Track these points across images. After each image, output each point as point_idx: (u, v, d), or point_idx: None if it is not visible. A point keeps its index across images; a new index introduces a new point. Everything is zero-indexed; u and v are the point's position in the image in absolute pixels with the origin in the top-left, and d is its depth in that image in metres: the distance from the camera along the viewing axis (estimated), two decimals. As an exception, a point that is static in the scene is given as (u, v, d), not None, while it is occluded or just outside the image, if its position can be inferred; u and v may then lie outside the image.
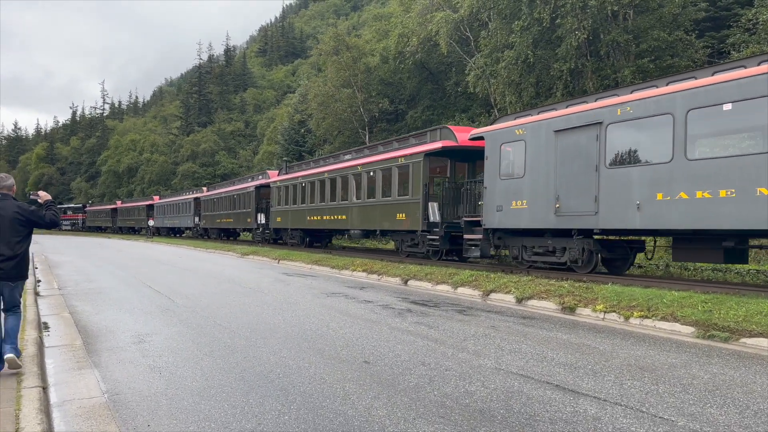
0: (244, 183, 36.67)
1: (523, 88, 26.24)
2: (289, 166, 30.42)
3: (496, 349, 7.14)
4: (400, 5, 40.08)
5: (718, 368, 6.27)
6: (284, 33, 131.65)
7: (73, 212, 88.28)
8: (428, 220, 17.25)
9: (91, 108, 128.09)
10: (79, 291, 13.60)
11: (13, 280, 5.98)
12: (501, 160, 14.39)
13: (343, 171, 22.82)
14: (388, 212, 19.33)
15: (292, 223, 28.06)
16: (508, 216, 14.05)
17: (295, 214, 27.48)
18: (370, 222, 20.71)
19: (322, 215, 24.49)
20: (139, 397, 5.34)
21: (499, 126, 14.82)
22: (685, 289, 10.16)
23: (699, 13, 25.44)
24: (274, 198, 30.26)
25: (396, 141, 20.52)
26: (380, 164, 20.05)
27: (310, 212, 25.82)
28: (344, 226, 22.91)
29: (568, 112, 12.73)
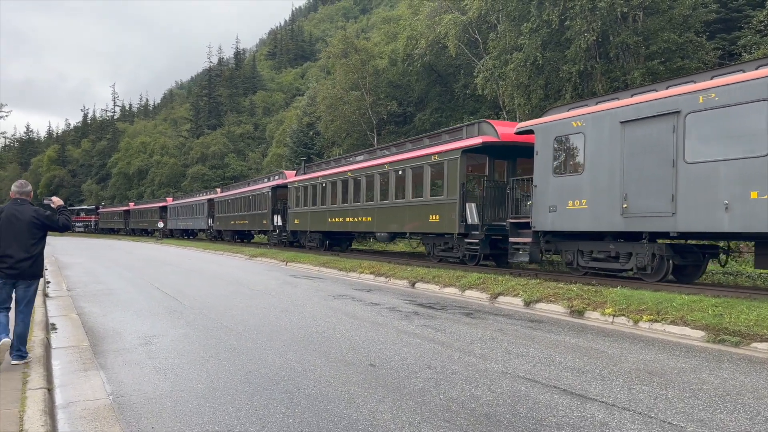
0: (259, 184, 35.50)
1: (531, 90, 26.11)
2: (307, 166, 29.13)
3: (503, 353, 7.09)
4: (408, 8, 40.07)
5: (729, 373, 6.18)
6: (293, 36, 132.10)
7: (86, 214, 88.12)
8: (466, 222, 16.04)
9: (102, 111, 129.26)
10: (88, 292, 13.66)
11: (28, 279, 6.38)
12: (554, 156, 13.11)
13: (369, 170, 21.50)
14: (418, 214, 18.16)
15: (311, 225, 26.74)
16: (563, 217, 12.77)
17: (315, 215, 26.24)
18: (398, 224, 19.52)
19: (345, 217, 23.33)
20: (143, 399, 5.33)
21: (552, 118, 13.46)
22: (695, 293, 10.06)
23: (710, 14, 25.25)
24: (292, 199, 29.06)
25: (427, 138, 19.33)
26: (410, 162, 18.83)
27: (331, 214, 24.59)
28: (369, 229, 21.73)
29: (638, 101, 11.45)
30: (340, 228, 24.03)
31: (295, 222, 28.49)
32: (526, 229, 14.07)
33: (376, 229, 20.93)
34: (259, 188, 34.51)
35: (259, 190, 34.37)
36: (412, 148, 19.41)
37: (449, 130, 18.30)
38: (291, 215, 29.16)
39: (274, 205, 32.06)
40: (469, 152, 16.32)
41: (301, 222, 27.91)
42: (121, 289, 14.37)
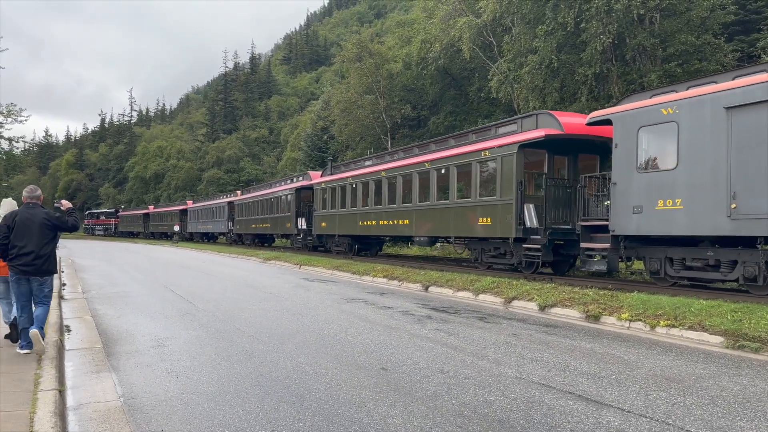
0: (282, 185, 33.81)
1: (547, 93, 25.97)
2: (334, 166, 27.51)
3: (517, 358, 6.99)
4: (422, 11, 40.07)
5: (749, 380, 6.03)
6: (308, 41, 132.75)
7: (106, 217, 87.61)
8: (524, 225, 14.34)
9: (120, 115, 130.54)
10: (103, 295, 13.75)
11: (42, 276, 6.90)
12: (639, 148, 11.47)
13: (406, 169, 19.88)
14: (465, 216, 16.48)
15: (339, 228, 24.99)
16: (651, 219, 11.12)
17: (344, 218, 24.57)
18: (441, 227, 17.86)
19: (378, 220, 21.69)
20: (154, 401, 5.32)
21: (634, 106, 11.73)
22: (713, 298, 9.87)
23: (728, 16, 24.93)
24: (318, 201, 27.36)
25: (473, 133, 17.50)
26: (455, 160, 17.08)
27: (362, 216, 22.91)
28: (406, 233, 20.06)
29: (749, 83, 9.91)
30: (372, 232, 22.40)
31: (322, 225, 26.87)
32: (601, 233, 12.43)
33: (415, 232, 19.30)
34: (281, 190, 32.91)
35: (281, 192, 32.72)
36: (457, 144, 17.69)
37: (501, 123, 16.49)
38: (317, 218, 27.51)
39: (298, 208, 30.31)
40: (526, 147, 14.64)
41: (328, 225, 26.30)
42: (136, 291, 14.44)
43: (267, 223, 35.19)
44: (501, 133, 15.80)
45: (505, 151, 15.05)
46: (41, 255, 6.81)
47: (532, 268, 14.97)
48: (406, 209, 19.73)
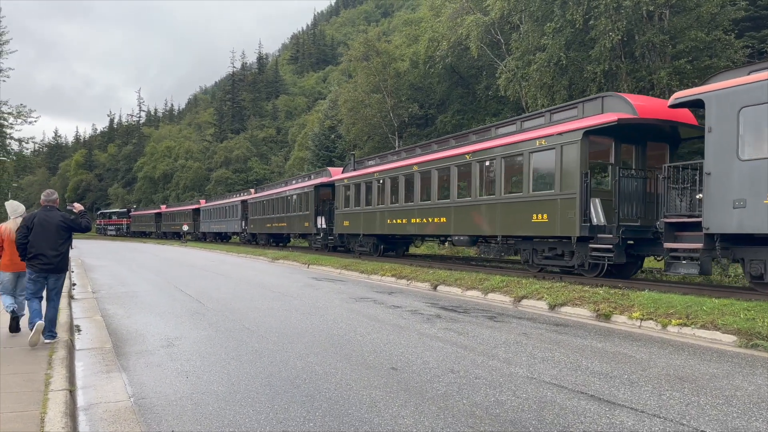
0: (300, 182, 32.20)
1: (555, 90, 25.82)
2: (358, 161, 25.80)
3: (527, 357, 6.94)
4: (430, 10, 39.96)
5: (763, 379, 5.96)
6: (315, 40, 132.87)
7: (118, 217, 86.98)
8: (590, 222, 12.79)
9: (128, 116, 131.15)
10: (112, 294, 13.80)
11: (58, 273, 7.62)
12: (740, 132, 10.01)
13: (442, 162, 18.20)
14: (516, 213, 14.88)
15: (364, 227, 23.34)
16: (758, 215, 9.58)
17: (369, 216, 22.88)
18: (485, 225, 16.06)
19: (408, 218, 20.07)
20: (165, 401, 5.31)
21: (732, 83, 10.19)
22: (725, 297, 9.78)
23: (738, 12, 24.67)
24: (340, 198, 25.65)
25: (521, 121, 15.82)
26: (503, 151, 15.46)
27: (390, 214, 21.25)
28: (443, 231, 18.30)
29: None
30: (403, 231, 20.71)
31: (344, 224, 25.11)
32: (688, 232, 11.03)
33: (453, 231, 17.57)
34: (299, 188, 31.17)
35: (299, 189, 31.06)
36: (505, 134, 16.03)
37: (554, 109, 14.81)
38: (338, 217, 25.75)
39: (317, 206, 28.67)
40: (592, 134, 13.03)
41: (351, 224, 24.56)
42: (145, 291, 14.49)
43: (283, 222, 33.72)
44: (557, 120, 14.24)
45: (566, 139, 13.37)
46: (58, 254, 7.52)
47: (596, 270, 13.44)
48: (443, 206, 18.09)
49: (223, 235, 50.75)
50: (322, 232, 28.40)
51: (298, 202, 31.08)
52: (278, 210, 34.56)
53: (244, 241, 43.85)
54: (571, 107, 14.19)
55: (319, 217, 28.52)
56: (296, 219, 31.25)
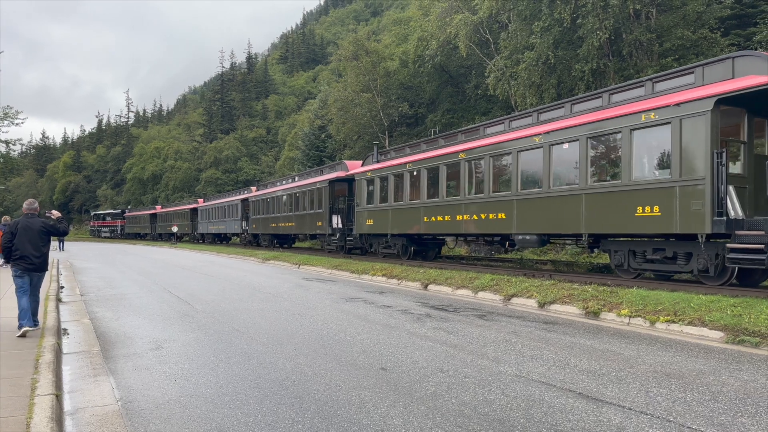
0: (311, 177, 29.19)
1: (544, 89, 25.93)
2: (382, 152, 23.02)
3: (516, 356, 6.96)
4: (419, 9, 40.06)
5: (749, 375, 6.01)
6: (305, 40, 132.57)
7: (111, 219, 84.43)
8: (726, 215, 10.13)
9: (117, 116, 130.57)
10: (101, 297, 13.70)
11: (40, 271, 8.68)
12: None
13: (500, 147, 15.48)
14: (611, 205, 12.25)
15: (393, 226, 20.48)
16: None
17: (400, 214, 20.01)
18: (564, 221, 13.37)
19: (453, 214, 17.17)
20: (152, 404, 5.28)
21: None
22: (712, 293, 9.86)
23: (724, 10, 24.93)
24: (361, 194, 22.73)
25: (608, 93, 12.94)
26: (590, 130, 12.73)
27: (428, 211, 18.38)
28: (502, 230, 15.48)
29: None
30: (445, 230, 17.86)
31: (367, 223, 22.27)
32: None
33: (516, 229, 14.83)
34: (310, 183, 28.09)
35: (310, 185, 28.00)
36: (586, 110, 13.23)
37: (659, 77, 11.97)
38: (360, 215, 22.83)
39: (332, 204, 25.87)
40: (723, 103, 10.52)
41: (376, 222, 21.67)
42: (134, 293, 14.40)
43: (291, 221, 30.81)
44: (663, 90, 11.60)
45: (686, 111, 10.73)
46: (40, 255, 8.54)
47: (723, 278, 11.02)
48: (502, 199, 15.31)
49: (222, 237, 48.24)
50: (338, 233, 25.63)
51: (309, 200, 28.23)
52: (285, 209, 31.86)
53: (244, 242, 41.42)
54: (682, 73, 11.44)
55: (335, 215, 25.75)
56: (307, 218, 28.45)
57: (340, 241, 25.66)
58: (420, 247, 20.98)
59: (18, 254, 8.40)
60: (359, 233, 23.27)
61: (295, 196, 30.31)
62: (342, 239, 25.47)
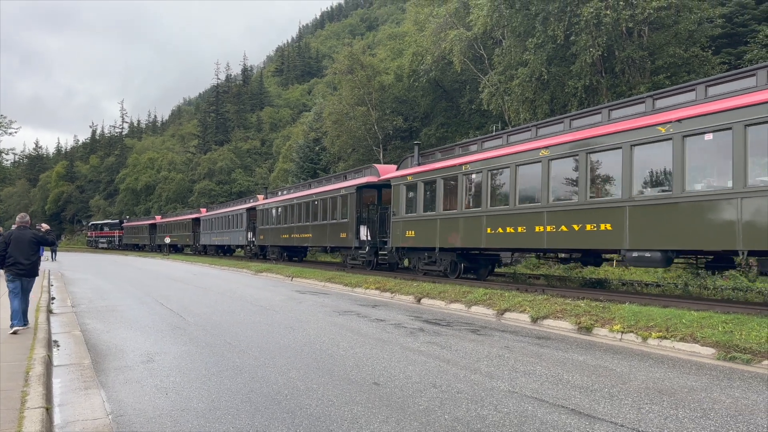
0: (333, 183, 26.16)
1: (537, 105, 26.15)
2: (424, 153, 19.90)
3: (509, 371, 6.97)
4: (414, 24, 40.40)
5: (741, 392, 6.04)
6: (300, 53, 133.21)
7: (109, 229, 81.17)
8: None
9: (111, 127, 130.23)
10: (92, 309, 13.62)
11: (30, 277, 9.83)
12: None
13: (600, 141, 12.43)
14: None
15: (442, 239, 17.33)
16: None
17: (452, 225, 16.90)
18: (700, 235, 10.44)
19: (530, 224, 14.11)
20: (143, 418, 5.25)
21: None
22: (704, 309, 9.91)
23: (715, 29, 25.27)
24: (399, 202, 19.61)
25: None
26: (747, 114, 9.75)
27: (492, 221, 15.34)
28: (607, 244, 12.33)
29: None
30: (516, 243, 14.71)
31: (407, 235, 19.11)
32: None
33: (629, 244, 11.64)
34: (333, 189, 25.01)
35: (333, 192, 24.92)
36: (741, 90, 10.18)
37: None
38: (397, 225, 19.69)
39: (359, 213, 22.93)
40: None
41: (419, 235, 18.52)
42: (126, 305, 14.32)
43: (307, 232, 27.63)
44: None
45: None
46: (30, 262, 9.69)
47: None
48: (607, 206, 12.23)
49: (226, 249, 44.92)
50: (367, 246, 22.39)
51: (330, 208, 25.10)
52: (299, 218, 28.66)
53: (250, 255, 38.19)
54: None
55: (362, 226, 22.70)
56: (327, 229, 25.20)
57: (369, 255, 22.45)
58: (471, 263, 17.93)
59: (11, 261, 9.49)
60: (395, 246, 20.01)
61: (313, 204, 27.03)
62: (371, 253, 22.36)
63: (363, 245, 22.56)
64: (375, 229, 22.29)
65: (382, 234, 21.82)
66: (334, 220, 24.69)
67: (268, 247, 34.14)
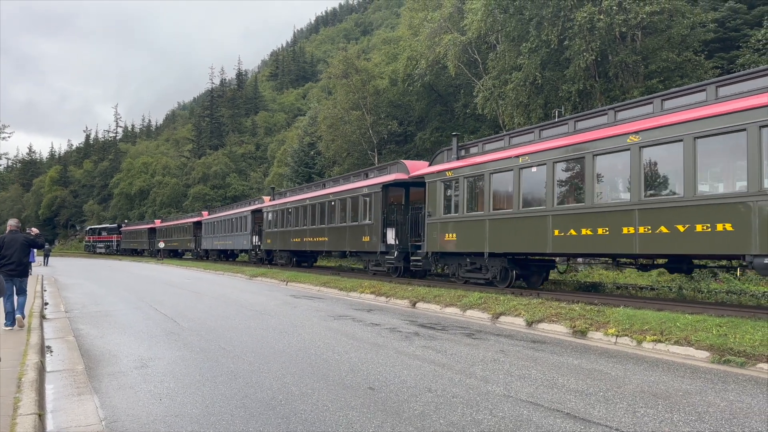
0: (352, 182, 23.87)
1: (531, 109, 26.22)
2: (464, 145, 17.52)
3: (504, 375, 6.96)
4: (408, 29, 40.47)
5: (735, 395, 6.05)
6: (295, 57, 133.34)
7: (107, 233, 79.56)
8: None
9: (105, 131, 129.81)
10: (86, 314, 13.55)
11: (22, 276, 10.63)
12: None
13: (723, 121, 10.03)
14: None
15: (492, 243, 15.22)
16: None
17: (505, 226, 14.85)
18: None
19: (615, 226, 11.84)
20: (137, 424, 5.22)
21: None
22: (698, 313, 9.93)
23: (708, 34, 25.42)
24: (437, 201, 17.51)
25: None
26: None
27: (560, 222, 13.18)
28: (719, 249, 10.17)
29: None
30: (594, 248, 12.51)
31: (446, 238, 17.03)
32: None
33: (759, 248, 9.51)
34: (354, 188, 22.88)
35: (353, 191, 22.87)
36: None
37: None
38: (433, 227, 17.65)
39: (384, 214, 20.66)
40: None
41: (461, 238, 16.43)
42: (120, 310, 14.25)
43: (322, 236, 25.52)
44: None
45: None
46: (21, 263, 10.60)
47: None
48: (728, 201, 10.05)
49: (228, 254, 42.87)
50: (395, 251, 20.24)
51: (350, 209, 23.00)
52: (313, 220, 26.55)
53: (255, 260, 35.92)
54: None
55: (389, 228, 20.59)
56: (347, 232, 23.21)
57: (398, 260, 20.29)
58: (523, 270, 15.93)
59: (3, 262, 10.31)
60: (431, 251, 17.90)
61: (330, 204, 24.89)
62: (400, 258, 20.23)
63: (390, 250, 20.41)
64: (405, 231, 20.12)
65: (415, 237, 19.55)
66: (354, 223, 22.56)
67: (276, 251, 32.15)
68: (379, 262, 21.73)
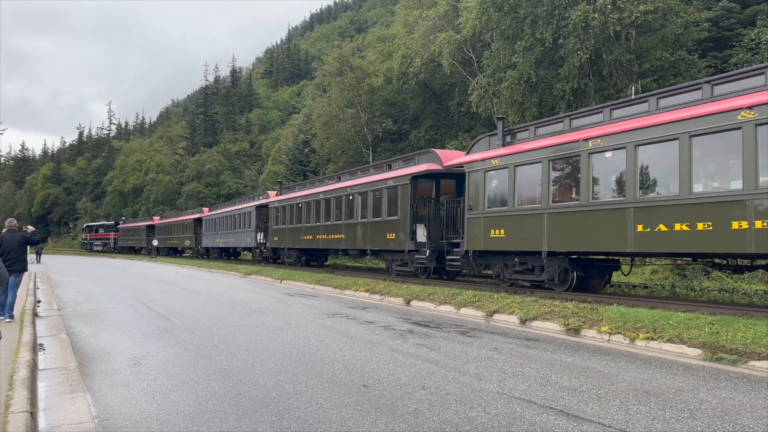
0: (375, 173, 21.47)
1: (526, 107, 26.28)
2: (510, 130, 15.32)
3: (498, 372, 6.97)
4: (403, 27, 40.49)
5: (727, 392, 6.08)
6: (290, 55, 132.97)
7: (105, 231, 78.62)
8: None
9: (98, 129, 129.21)
10: (79, 312, 13.49)
11: (19, 273, 11.50)
12: None
13: None
14: None
15: (551, 240, 13.23)
16: None
17: (568, 221, 12.90)
18: None
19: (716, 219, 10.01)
20: (129, 422, 5.20)
21: None
22: (691, 311, 9.98)
23: (701, 33, 25.51)
24: (479, 193, 15.37)
25: None
26: None
27: (643, 215, 11.20)
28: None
29: None
30: (688, 246, 10.56)
31: (491, 235, 14.92)
32: None
33: None
34: (375, 181, 20.66)
35: (375, 183, 20.61)
36: None
37: None
38: (474, 223, 15.47)
39: (414, 209, 18.59)
40: None
41: (510, 234, 14.41)
42: (113, 308, 14.20)
43: (338, 233, 23.33)
44: None
45: None
46: (19, 260, 11.32)
47: None
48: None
49: (230, 252, 41.02)
50: (426, 249, 18.07)
51: (372, 204, 20.86)
52: (327, 216, 24.44)
53: (259, 258, 33.89)
54: None
55: (419, 224, 18.60)
56: (368, 228, 21.02)
57: (429, 260, 18.04)
58: (585, 271, 13.95)
59: (3, 258, 10.56)
60: (473, 250, 15.65)
61: (347, 199, 22.55)
62: (432, 258, 18.01)
63: (420, 248, 18.26)
64: (438, 228, 18.14)
65: (451, 233, 17.55)
66: (377, 218, 20.33)
67: (284, 249, 29.67)
68: (405, 262, 19.46)
